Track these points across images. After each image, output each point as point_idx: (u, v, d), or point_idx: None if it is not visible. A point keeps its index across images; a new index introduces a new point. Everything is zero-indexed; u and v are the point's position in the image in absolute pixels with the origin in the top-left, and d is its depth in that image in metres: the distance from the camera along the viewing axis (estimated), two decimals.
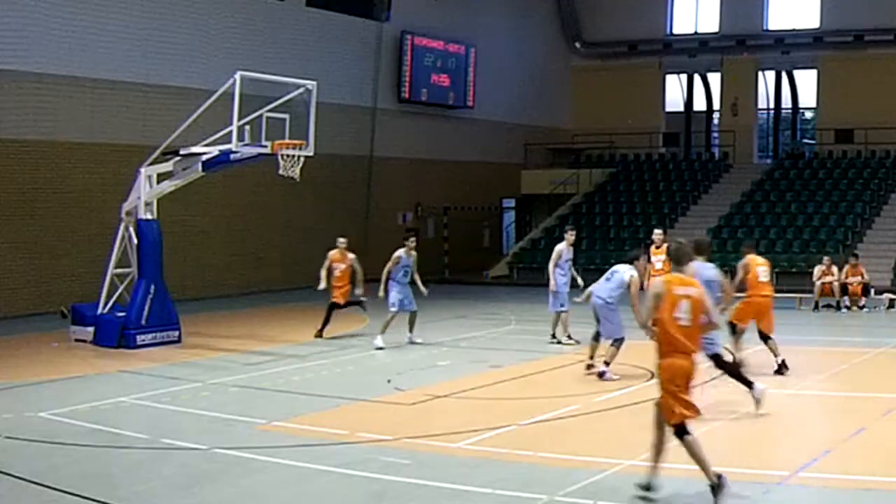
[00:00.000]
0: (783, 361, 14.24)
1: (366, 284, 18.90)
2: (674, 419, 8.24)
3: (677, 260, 8.87)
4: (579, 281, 17.90)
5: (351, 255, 19.05)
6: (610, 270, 14.85)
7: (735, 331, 14.29)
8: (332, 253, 19.06)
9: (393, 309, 17.69)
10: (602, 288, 14.63)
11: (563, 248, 17.76)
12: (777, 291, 25.27)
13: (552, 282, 17.59)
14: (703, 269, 11.72)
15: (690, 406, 8.28)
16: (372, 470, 9.46)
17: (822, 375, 14.26)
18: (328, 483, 9.17)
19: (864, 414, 11.69)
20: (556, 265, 17.62)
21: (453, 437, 10.68)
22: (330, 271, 18.86)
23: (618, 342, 14.31)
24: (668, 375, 8.35)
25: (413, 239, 18.26)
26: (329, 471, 9.44)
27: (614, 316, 14.44)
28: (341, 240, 19.27)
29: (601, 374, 14.15)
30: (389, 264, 17.72)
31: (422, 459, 9.87)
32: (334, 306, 19.01)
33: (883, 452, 9.86)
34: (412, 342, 17.79)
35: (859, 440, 10.40)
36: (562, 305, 17.62)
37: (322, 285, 18.70)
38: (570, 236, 17.94)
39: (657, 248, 18.73)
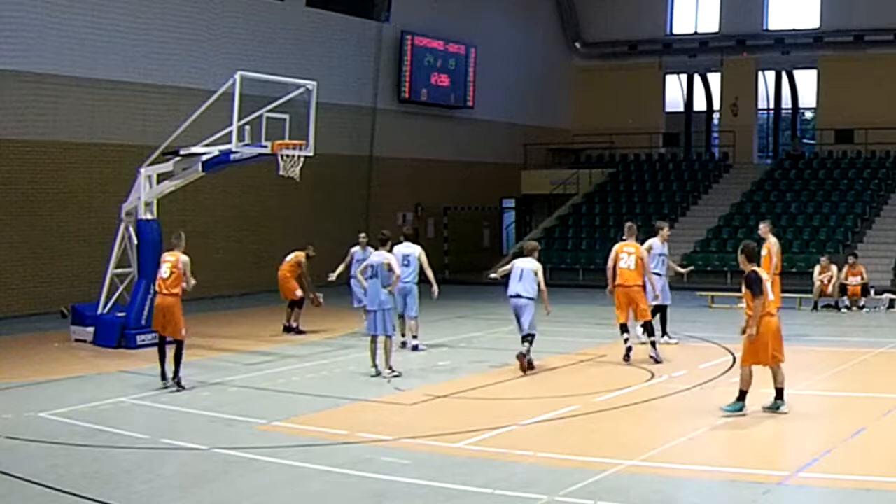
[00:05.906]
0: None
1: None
2: None
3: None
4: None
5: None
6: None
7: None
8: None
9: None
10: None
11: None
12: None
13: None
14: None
15: None
16: (372, 470, 9.46)
17: (822, 375, 14.25)
18: (328, 483, 9.16)
19: (864, 414, 11.68)
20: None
21: (453, 437, 10.67)
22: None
23: None
24: None
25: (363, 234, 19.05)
26: (329, 471, 9.44)
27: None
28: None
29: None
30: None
31: (422, 459, 9.86)
32: None
33: (883, 452, 9.86)
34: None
35: (859, 440, 10.39)
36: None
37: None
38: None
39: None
